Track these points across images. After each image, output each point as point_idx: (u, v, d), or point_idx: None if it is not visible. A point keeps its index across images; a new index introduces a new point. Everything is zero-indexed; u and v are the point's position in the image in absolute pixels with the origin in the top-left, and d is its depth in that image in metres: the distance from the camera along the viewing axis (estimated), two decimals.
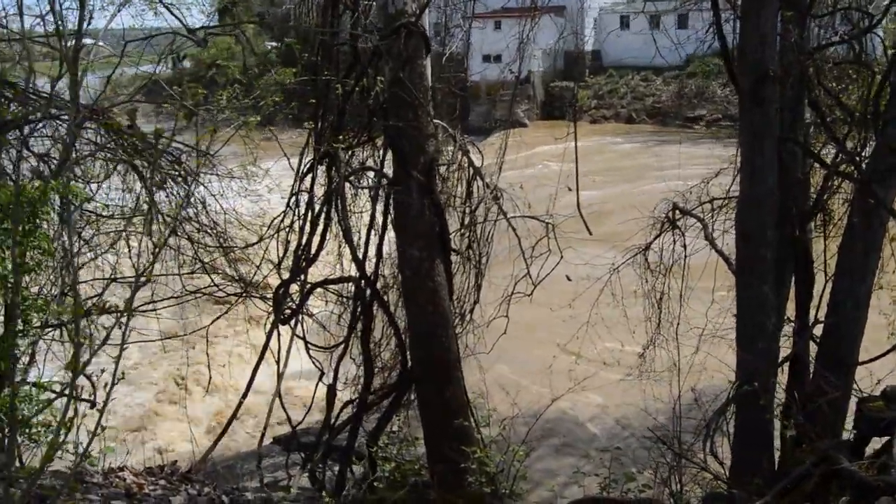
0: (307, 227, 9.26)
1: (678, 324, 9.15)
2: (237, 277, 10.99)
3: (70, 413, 3.07)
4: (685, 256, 9.48)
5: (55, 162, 9.56)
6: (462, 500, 5.61)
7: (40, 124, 8.82)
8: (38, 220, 7.47)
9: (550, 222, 10.17)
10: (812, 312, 8.71)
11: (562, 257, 10.03)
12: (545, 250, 10.06)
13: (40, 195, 6.96)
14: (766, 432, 7.60)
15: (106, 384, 2.83)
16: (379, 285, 9.37)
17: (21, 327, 7.78)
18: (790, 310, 8.72)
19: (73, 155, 8.66)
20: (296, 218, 9.44)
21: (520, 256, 10.09)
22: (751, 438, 7.57)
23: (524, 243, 9.98)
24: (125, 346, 3.08)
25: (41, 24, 8.06)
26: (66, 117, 8.35)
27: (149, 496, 3.94)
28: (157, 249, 11.54)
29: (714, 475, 7.41)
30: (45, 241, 7.54)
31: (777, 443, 8.01)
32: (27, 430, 7.22)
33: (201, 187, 10.39)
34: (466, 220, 10.02)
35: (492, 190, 9.95)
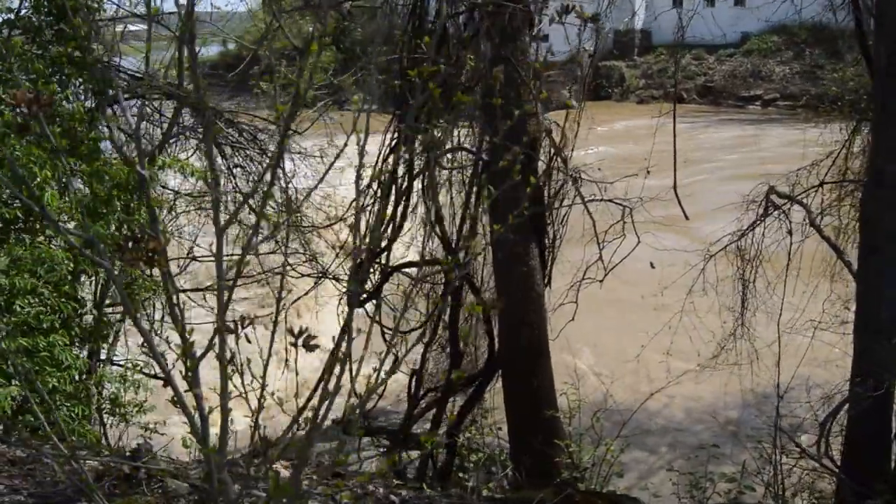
0: (388, 208, 8.95)
1: (780, 315, 8.68)
2: (311, 257, 10.76)
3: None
4: (790, 244, 9.01)
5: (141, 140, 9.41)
6: (601, 500, 5.33)
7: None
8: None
9: (628, 206, 9.81)
10: None
11: (639, 241, 9.64)
12: (619, 234, 9.70)
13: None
14: (887, 434, 7.11)
15: None
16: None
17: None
18: None
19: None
20: (377, 198, 9.14)
21: (592, 240, 9.72)
22: (869, 440, 7.06)
23: (596, 227, 9.60)
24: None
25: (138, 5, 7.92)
26: (154, 96, 8.17)
27: (308, 493, 3.65)
28: (224, 226, 11.41)
29: (837, 478, 6.97)
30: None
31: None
32: (118, 410, 7.12)
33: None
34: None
35: (571, 172, 9.59)
